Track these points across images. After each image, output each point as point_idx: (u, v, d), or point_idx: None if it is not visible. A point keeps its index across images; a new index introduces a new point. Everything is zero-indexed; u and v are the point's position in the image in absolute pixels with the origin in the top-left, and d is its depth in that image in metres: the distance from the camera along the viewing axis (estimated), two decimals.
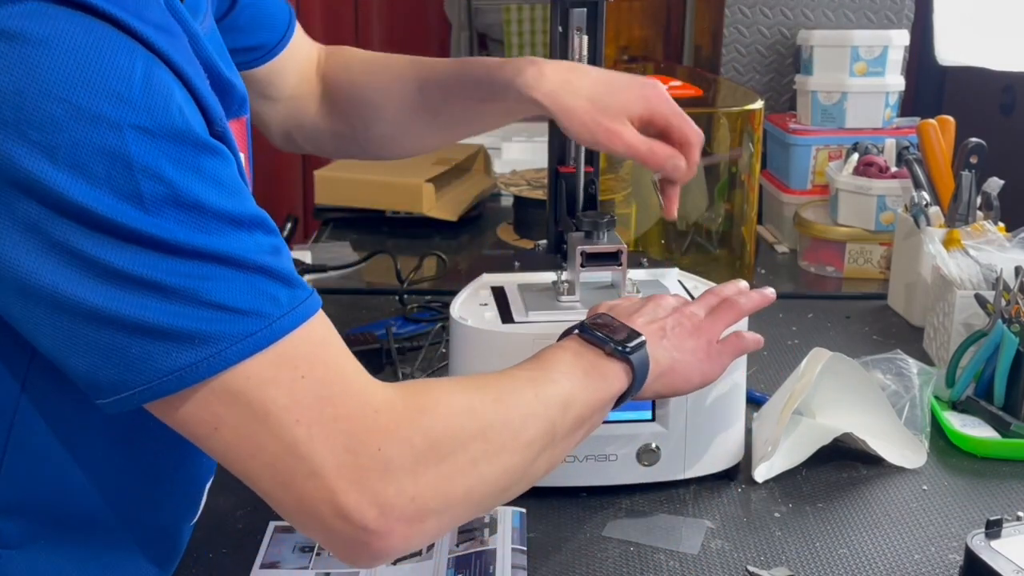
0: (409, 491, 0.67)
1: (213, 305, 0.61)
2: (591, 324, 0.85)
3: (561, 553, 0.93)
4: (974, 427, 1.12)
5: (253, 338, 0.62)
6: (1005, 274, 1.18)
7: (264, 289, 0.63)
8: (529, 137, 2.24)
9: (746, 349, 0.95)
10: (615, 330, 0.85)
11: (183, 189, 0.60)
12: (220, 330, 0.61)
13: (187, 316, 0.60)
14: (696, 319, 0.91)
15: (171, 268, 0.60)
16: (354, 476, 0.65)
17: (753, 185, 1.54)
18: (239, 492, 0.99)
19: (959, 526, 0.97)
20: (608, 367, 0.83)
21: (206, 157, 0.62)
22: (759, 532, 0.96)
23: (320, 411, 0.64)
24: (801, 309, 1.52)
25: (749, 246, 1.56)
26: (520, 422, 0.75)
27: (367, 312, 1.49)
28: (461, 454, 0.70)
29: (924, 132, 1.46)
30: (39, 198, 0.58)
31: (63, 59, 0.57)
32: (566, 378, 0.80)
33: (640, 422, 1.00)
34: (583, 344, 0.84)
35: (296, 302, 0.65)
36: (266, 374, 0.63)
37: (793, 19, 2.06)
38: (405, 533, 0.67)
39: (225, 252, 0.62)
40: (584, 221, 1.03)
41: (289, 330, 0.64)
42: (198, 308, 0.61)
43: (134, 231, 0.59)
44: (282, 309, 0.64)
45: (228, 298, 0.61)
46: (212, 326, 0.61)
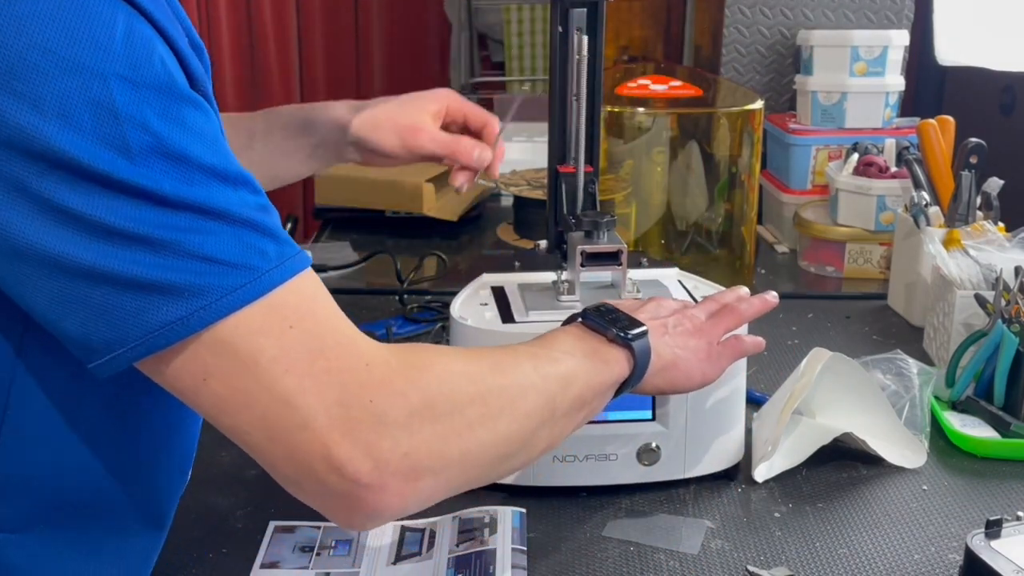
0: (403, 446, 0.66)
1: (201, 258, 0.61)
2: (594, 311, 0.86)
3: (561, 553, 0.93)
4: (974, 427, 1.12)
5: (242, 290, 0.62)
6: (1005, 274, 1.18)
7: (252, 243, 0.63)
8: (529, 137, 2.24)
9: (746, 352, 0.95)
10: (617, 318, 0.85)
11: (169, 140, 0.61)
12: (209, 283, 0.61)
13: (176, 269, 0.61)
14: (697, 321, 0.92)
15: (159, 221, 0.60)
16: (346, 427, 0.64)
17: (753, 185, 1.54)
18: (239, 492, 1.00)
19: (959, 526, 0.97)
20: (610, 352, 0.83)
21: (190, 110, 0.62)
22: (759, 532, 0.96)
23: (311, 363, 0.64)
24: (801, 309, 1.52)
25: (749, 246, 1.56)
26: (519, 391, 0.75)
27: (367, 312, 1.49)
28: (457, 416, 0.70)
29: (924, 132, 1.46)
30: (26, 152, 0.58)
31: (47, 11, 0.58)
32: (568, 357, 0.80)
33: (640, 422, 1.00)
34: (586, 330, 0.84)
35: (284, 257, 0.65)
36: (255, 324, 0.63)
37: (793, 19, 2.06)
38: (400, 490, 0.66)
39: (212, 205, 0.62)
40: (584, 221, 1.03)
41: (278, 283, 0.64)
42: (187, 261, 0.61)
43: (122, 182, 0.59)
44: (270, 263, 0.64)
45: (216, 251, 0.62)
46: (201, 279, 0.61)
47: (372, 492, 0.65)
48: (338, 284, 1.62)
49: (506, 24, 3.32)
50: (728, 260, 1.57)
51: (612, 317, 0.85)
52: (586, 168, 1.08)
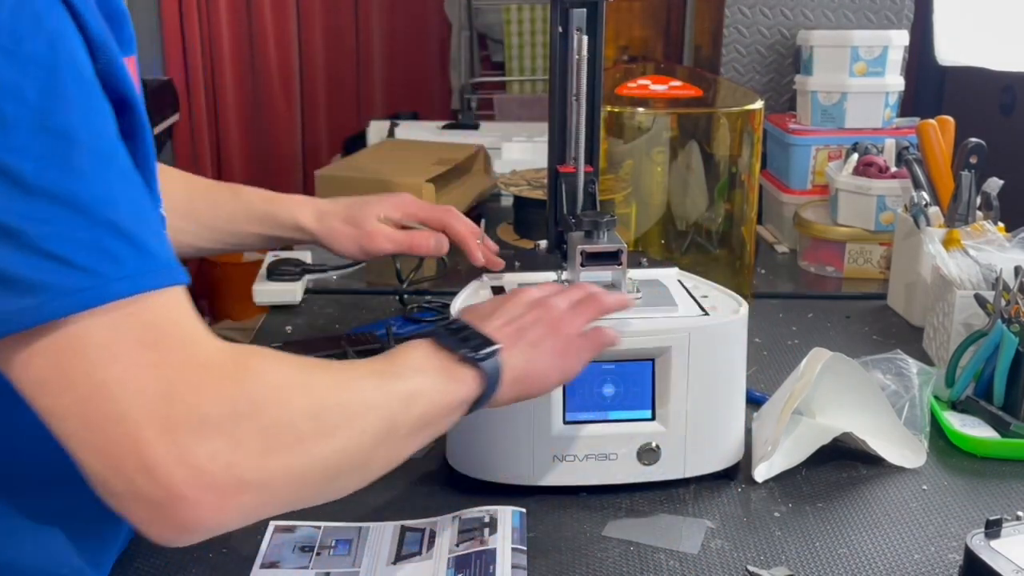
0: (225, 456, 0.62)
1: (45, 253, 0.58)
2: (446, 328, 0.83)
3: (561, 553, 0.93)
4: (974, 427, 1.12)
5: (81, 295, 0.59)
6: (1005, 274, 1.18)
7: (107, 247, 0.60)
8: (529, 137, 2.24)
9: (605, 344, 0.92)
10: (468, 337, 0.82)
11: (48, 115, 0.58)
12: (48, 281, 0.58)
13: (16, 261, 0.58)
14: (556, 313, 0.88)
15: (11, 206, 0.58)
16: (165, 426, 0.60)
17: (753, 185, 1.54)
18: None
19: (959, 526, 0.97)
20: (459, 371, 0.80)
21: (78, 91, 0.60)
22: (759, 532, 0.96)
23: (140, 355, 0.61)
24: (801, 309, 1.52)
25: (749, 246, 1.56)
26: (358, 408, 0.71)
27: (367, 312, 1.49)
28: (288, 429, 0.66)
29: (924, 132, 1.46)
30: None
31: None
32: (414, 374, 0.77)
33: (640, 421, 1.00)
34: (437, 347, 0.81)
35: (143, 270, 0.61)
36: (91, 329, 0.60)
37: (793, 19, 2.06)
38: (217, 505, 0.62)
39: (74, 197, 0.59)
40: (584, 221, 1.03)
41: (125, 295, 0.60)
42: (29, 254, 0.58)
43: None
44: (122, 272, 0.60)
45: (63, 249, 0.59)
46: (40, 275, 0.58)
47: (185, 504, 0.61)
48: (338, 284, 1.62)
49: (506, 24, 3.32)
50: (728, 260, 1.57)
51: (464, 335, 0.82)
52: (586, 168, 1.08)
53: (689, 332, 0.99)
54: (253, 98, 3.65)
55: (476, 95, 3.27)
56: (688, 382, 0.99)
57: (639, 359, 0.99)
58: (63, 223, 0.59)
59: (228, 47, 3.56)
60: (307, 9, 3.62)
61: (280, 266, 1.56)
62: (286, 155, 3.69)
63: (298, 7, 3.60)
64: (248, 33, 3.58)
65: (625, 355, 0.99)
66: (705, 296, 1.06)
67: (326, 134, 3.71)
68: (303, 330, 1.42)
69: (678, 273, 1.12)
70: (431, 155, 1.96)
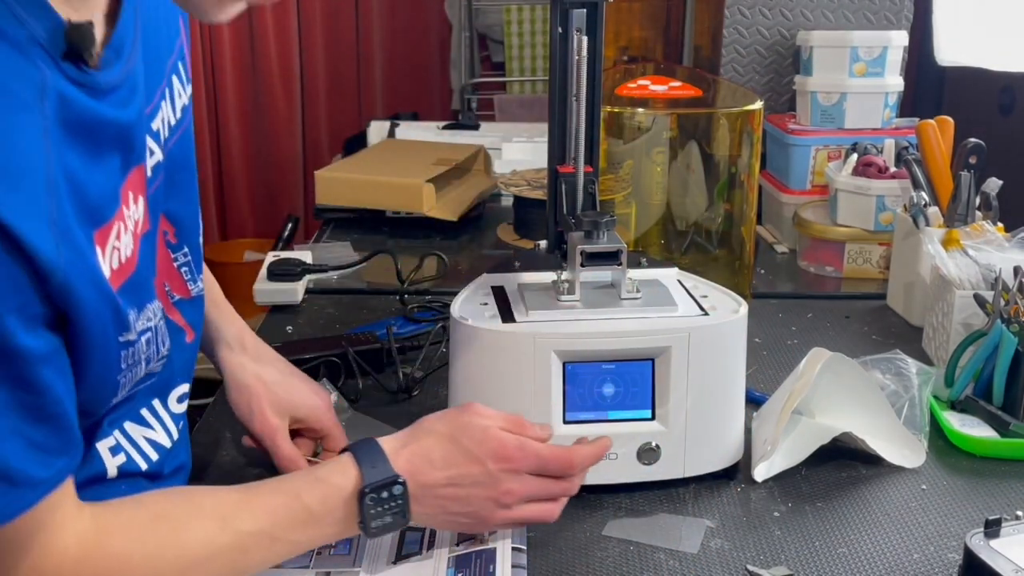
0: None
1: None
2: (377, 488, 0.83)
3: (561, 553, 0.93)
4: (973, 427, 1.12)
5: None
6: (1004, 274, 1.18)
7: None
8: (529, 137, 2.24)
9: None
10: (388, 510, 0.83)
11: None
12: None
13: None
14: (504, 503, 0.87)
15: None
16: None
17: (753, 185, 1.54)
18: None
19: (958, 525, 0.97)
20: (349, 529, 0.84)
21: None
22: (759, 531, 0.96)
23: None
24: (800, 309, 1.52)
25: (749, 246, 1.56)
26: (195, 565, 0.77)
27: (367, 312, 1.50)
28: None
29: (923, 132, 1.46)
30: None
31: None
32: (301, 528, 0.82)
33: (640, 421, 1.00)
34: (352, 502, 0.83)
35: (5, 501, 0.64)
36: None
37: (792, 20, 2.06)
38: None
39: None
40: (584, 221, 1.03)
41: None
42: None
43: None
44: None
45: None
46: None
47: None
48: (338, 284, 1.62)
49: (506, 24, 3.32)
50: (728, 260, 1.57)
51: (388, 505, 0.83)
52: (586, 168, 1.08)
53: (689, 332, 0.99)
54: (254, 98, 3.65)
55: (476, 95, 3.27)
56: (688, 382, 0.99)
57: (639, 359, 1.00)
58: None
59: (229, 47, 3.56)
60: (308, 9, 3.62)
61: (281, 266, 1.56)
62: (286, 155, 3.69)
63: (299, 8, 3.60)
64: (249, 33, 3.58)
65: (625, 355, 0.99)
66: (705, 296, 1.06)
67: (326, 134, 3.72)
68: (303, 330, 1.42)
69: (678, 273, 1.12)
70: (431, 155, 1.97)
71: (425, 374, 1.26)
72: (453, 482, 0.86)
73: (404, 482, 0.84)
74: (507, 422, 0.89)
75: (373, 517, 0.83)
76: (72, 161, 0.66)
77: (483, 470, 0.86)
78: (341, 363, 1.25)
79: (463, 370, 1.02)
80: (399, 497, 0.84)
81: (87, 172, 0.68)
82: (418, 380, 1.24)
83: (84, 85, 0.68)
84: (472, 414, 0.88)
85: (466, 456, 0.86)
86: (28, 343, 0.63)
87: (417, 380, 1.24)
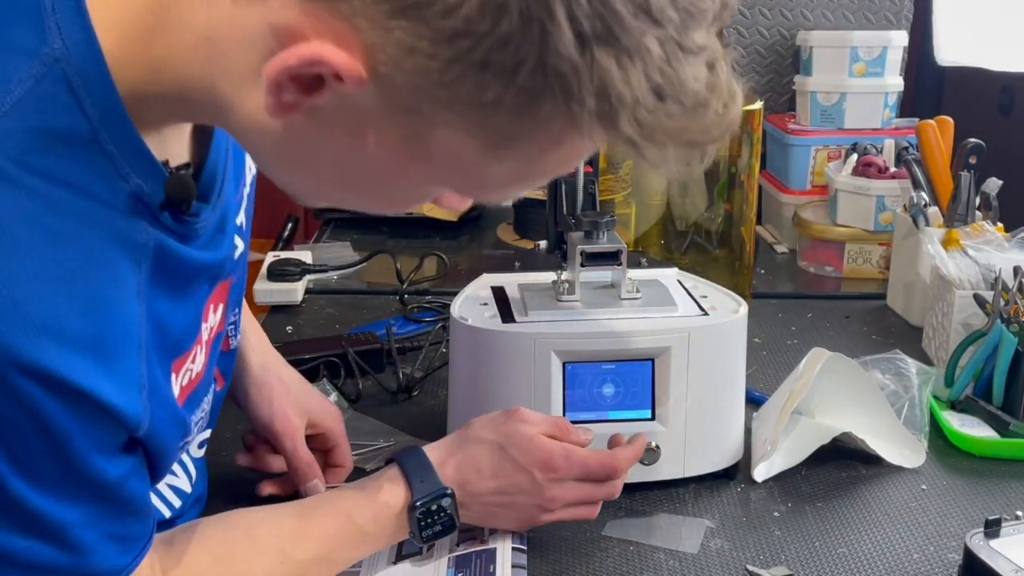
0: None
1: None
2: (426, 503, 0.85)
3: (561, 553, 0.93)
4: (973, 427, 1.12)
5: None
6: (1004, 274, 1.18)
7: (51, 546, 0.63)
8: None
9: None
10: (435, 522, 0.85)
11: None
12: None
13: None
14: (543, 516, 0.90)
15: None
16: None
17: (752, 185, 1.54)
18: (240, 493, 1.00)
19: (958, 525, 0.97)
20: (398, 536, 0.86)
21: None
22: (759, 531, 0.96)
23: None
24: (800, 309, 1.52)
25: (748, 246, 1.56)
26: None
27: (367, 312, 1.49)
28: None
29: (923, 132, 1.46)
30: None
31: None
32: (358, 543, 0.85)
33: (640, 421, 1.00)
34: (402, 516, 0.85)
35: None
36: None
37: (792, 20, 2.06)
38: None
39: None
40: (584, 221, 1.03)
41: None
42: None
43: None
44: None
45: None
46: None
47: None
48: (338, 284, 1.62)
49: None
50: (728, 260, 1.57)
51: (436, 518, 0.85)
52: (586, 168, 1.08)
53: (689, 332, 0.99)
54: None
55: None
56: (688, 382, 0.99)
57: (639, 359, 1.00)
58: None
59: None
60: None
61: (280, 266, 1.56)
62: None
63: None
64: None
65: (625, 355, 0.99)
66: (705, 296, 1.06)
67: None
68: (303, 330, 1.42)
69: (677, 273, 1.12)
70: None
71: (425, 374, 1.26)
72: (501, 491, 0.88)
73: (452, 493, 0.86)
74: (552, 427, 0.90)
75: (424, 528, 0.85)
76: (160, 304, 0.66)
77: (529, 479, 0.88)
78: (341, 363, 1.25)
79: (463, 370, 1.02)
80: (448, 508, 0.86)
81: (173, 312, 0.67)
82: (418, 380, 1.24)
83: (177, 232, 0.66)
84: (518, 420, 0.90)
85: (513, 466, 0.88)
86: (114, 472, 0.65)
87: (417, 380, 1.24)
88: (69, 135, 0.58)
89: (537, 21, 0.51)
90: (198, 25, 0.58)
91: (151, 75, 0.60)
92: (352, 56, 0.54)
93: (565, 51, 0.52)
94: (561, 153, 0.59)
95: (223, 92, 0.60)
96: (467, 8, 0.51)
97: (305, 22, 0.54)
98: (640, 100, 0.53)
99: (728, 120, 0.57)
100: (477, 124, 0.56)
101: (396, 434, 1.12)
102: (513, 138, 0.57)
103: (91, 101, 0.58)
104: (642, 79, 0.53)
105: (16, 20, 0.57)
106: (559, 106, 0.54)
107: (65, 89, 0.57)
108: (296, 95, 0.56)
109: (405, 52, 0.53)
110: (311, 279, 1.59)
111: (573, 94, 0.53)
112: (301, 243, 1.86)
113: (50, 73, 0.57)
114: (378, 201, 0.67)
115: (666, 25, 0.53)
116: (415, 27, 0.52)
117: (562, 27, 0.51)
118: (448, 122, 0.56)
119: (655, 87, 0.54)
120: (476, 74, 0.53)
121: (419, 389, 1.24)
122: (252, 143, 0.63)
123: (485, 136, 0.57)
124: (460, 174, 0.61)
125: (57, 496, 0.62)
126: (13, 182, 0.56)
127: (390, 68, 0.54)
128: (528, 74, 0.53)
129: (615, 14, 0.52)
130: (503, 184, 0.62)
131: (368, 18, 0.53)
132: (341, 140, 0.59)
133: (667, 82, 0.54)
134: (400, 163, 0.60)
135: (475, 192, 0.66)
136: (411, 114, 0.56)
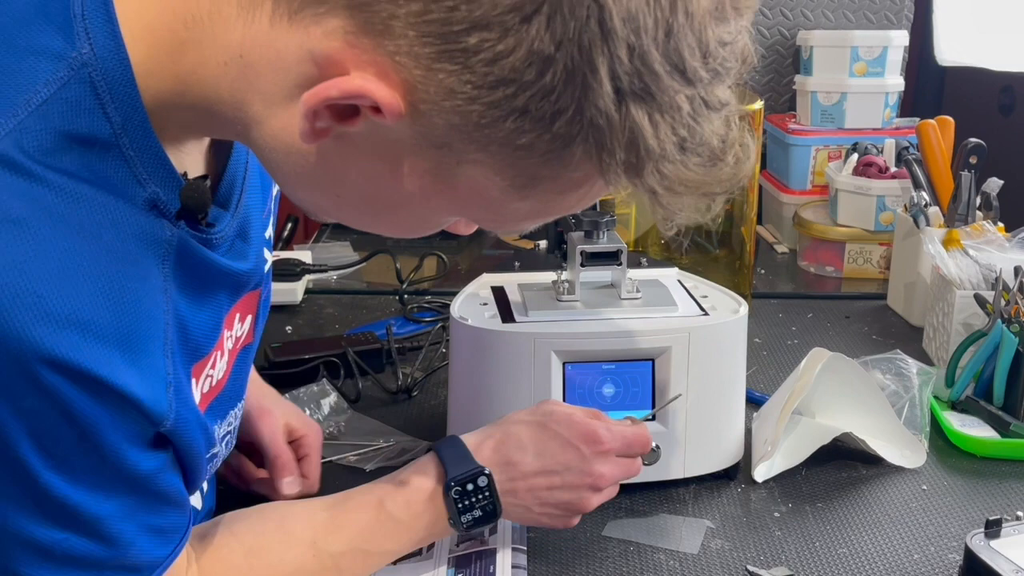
0: None
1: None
2: (463, 483, 0.84)
3: (561, 553, 0.93)
4: (973, 427, 1.12)
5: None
6: (1004, 274, 1.18)
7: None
8: None
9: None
10: (476, 504, 0.84)
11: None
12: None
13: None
14: (595, 498, 0.89)
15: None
16: None
17: (753, 185, 1.54)
18: (241, 493, 1.00)
19: (959, 526, 0.97)
20: (439, 528, 0.85)
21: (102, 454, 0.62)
22: (759, 532, 0.96)
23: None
24: (801, 309, 1.52)
25: (749, 246, 1.56)
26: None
27: (367, 312, 1.49)
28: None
29: (924, 132, 1.46)
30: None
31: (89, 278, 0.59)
32: (393, 536, 0.84)
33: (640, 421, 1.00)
34: (437, 498, 0.84)
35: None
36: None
37: (793, 19, 2.06)
38: None
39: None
40: (584, 221, 1.03)
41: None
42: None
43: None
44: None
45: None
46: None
47: None
48: (338, 284, 1.62)
49: None
50: (728, 260, 1.57)
51: (476, 499, 0.84)
52: None
53: (689, 332, 0.99)
54: None
55: None
56: (688, 382, 0.99)
57: (639, 359, 0.99)
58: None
59: None
60: None
61: (280, 266, 1.56)
62: None
63: None
64: None
65: (625, 355, 0.99)
66: (705, 296, 1.06)
67: None
68: (303, 330, 1.42)
69: (678, 273, 1.12)
70: None
71: (425, 374, 1.26)
72: (548, 470, 0.86)
73: (489, 473, 0.84)
74: (586, 411, 0.90)
75: (462, 512, 0.84)
76: (181, 304, 0.66)
77: (577, 455, 0.87)
78: (341, 363, 1.25)
79: (463, 370, 1.02)
80: (485, 489, 0.84)
81: (193, 313, 0.67)
82: (418, 380, 1.24)
83: (198, 235, 0.66)
84: (554, 404, 0.90)
85: (558, 441, 0.87)
86: (147, 465, 0.65)
87: (417, 380, 1.24)
88: (91, 138, 0.58)
89: (580, 75, 0.53)
90: (232, 42, 0.59)
91: (178, 86, 0.60)
92: (393, 91, 0.55)
93: (603, 105, 0.53)
94: (580, 193, 0.61)
95: (251, 110, 0.60)
96: (514, 58, 0.52)
97: (348, 53, 0.55)
98: (666, 153, 0.55)
99: (742, 173, 0.60)
100: (507, 164, 0.57)
101: (396, 434, 1.12)
102: (539, 179, 0.58)
103: (115, 106, 0.58)
104: (670, 133, 0.55)
105: (45, 24, 0.58)
106: (590, 154, 0.56)
107: (90, 93, 0.58)
108: (330, 122, 0.57)
109: (446, 93, 0.54)
110: (311, 279, 1.59)
111: (605, 145, 0.55)
112: (301, 243, 1.86)
113: (76, 76, 0.57)
114: (393, 225, 0.68)
115: (697, 84, 0.55)
116: (460, 71, 0.53)
117: (603, 82, 0.53)
118: (478, 160, 0.57)
119: (680, 141, 0.56)
120: (514, 120, 0.54)
121: (419, 389, 1.24)
122: (274, 160, 0.63)
123: (513, 176, 0.58)
124: (481, 208, 0.62)
125: (91, 489, 0.62)
126: (37, 179, 0.56)
127: (429, 107, 0.55)
128: (565, 123, 0.54)
129: (653, 73, 0.54)
130: (520, 219, 0.64)
131: (413, 57, 0.54)
132: (367, 167, 0.60)
133: (691, 136, 0.56)
134: (424, 194, 0.61)
135: (491, 224, 0.68)
136: (442, 149, 0.57)
